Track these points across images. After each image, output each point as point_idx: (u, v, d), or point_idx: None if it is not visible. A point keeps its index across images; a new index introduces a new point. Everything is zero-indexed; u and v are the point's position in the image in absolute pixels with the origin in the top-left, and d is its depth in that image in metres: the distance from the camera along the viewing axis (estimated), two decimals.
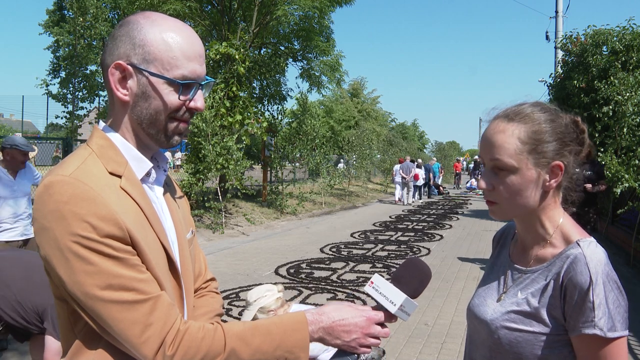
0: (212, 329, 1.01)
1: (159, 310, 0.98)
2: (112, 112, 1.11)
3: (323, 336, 1.09)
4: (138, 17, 1.08)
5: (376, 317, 1.12)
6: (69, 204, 0.93)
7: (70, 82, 11.30)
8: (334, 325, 1.09)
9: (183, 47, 1.05)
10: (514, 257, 1.29)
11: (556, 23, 17.85)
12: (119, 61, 1.05)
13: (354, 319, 1.10)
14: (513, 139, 1.15)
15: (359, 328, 1.10)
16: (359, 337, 1.10)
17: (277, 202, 14.63)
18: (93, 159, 1.05)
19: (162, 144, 1.11)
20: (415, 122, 55.03)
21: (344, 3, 16.17)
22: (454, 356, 4.32)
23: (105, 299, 0.94)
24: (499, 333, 1.18)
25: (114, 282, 0.94)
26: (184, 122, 1.10)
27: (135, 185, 1.06)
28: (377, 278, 1.18)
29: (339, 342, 1.09)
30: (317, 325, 1.08)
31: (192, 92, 1.08)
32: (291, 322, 1.07)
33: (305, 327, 1.07)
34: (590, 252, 1.11)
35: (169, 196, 1.20)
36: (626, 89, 8.46)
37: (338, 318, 1.09)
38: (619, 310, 1.07)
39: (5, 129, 35.05)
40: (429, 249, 9.29)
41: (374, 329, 1.12)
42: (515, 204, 1.17)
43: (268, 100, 17.12)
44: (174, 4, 13.59)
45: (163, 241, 1.07)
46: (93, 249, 0.93)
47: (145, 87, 1.05)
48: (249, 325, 1.04)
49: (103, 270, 0.94)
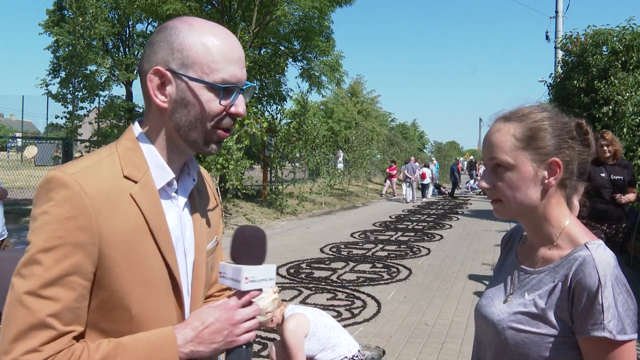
0: (77, 355, 0.94)
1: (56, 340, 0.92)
2: (149, 118, 1.09)
3: (195, 349, 1.01)
4: (175, 22, 1.06)
5: (235, 303, 1.06)
6: (57, 203, 0.95)
7: (70, 82, 11.30)
8: (199, 334, 1.02)
9: (223, 50, 1.03)
10: (521, 258, 1.29)
11: (556, 23, 17.85)
12: (158, 67, 1.03)
13: (214, 316, 1.03)
14: (509, 137, 1.17)
15: (224, 322, 1.03)
16: (230, 331, 1.04)
17: (277, 202, 14.63)
18: (112, 159, 1.04)
19: (200, 151, 1.08)
20: (415, 122, 55.02)
21: (344, 3, 16.16)
22: (454, 356, 4.31)
23: (23, 301, 0.92)
24: (506, 334, 1.18)
25: (42, 292, 0.92)
26: (224, 129, 1.07)
27: (150, 193, 1.04)
28: (221, 265, 1.11)
29: (216, 345, 1.03)
30: (183, 340, 1.01)
31: (233, 97, 1.05)
32: (158, 339, 1.00)
33: (173, 344, 0.99)
34: (598, 254, 1.11)
35: (196, 205, 1.17)
36: (626, 89, 8.48)
37: (199, 325, 1.03)
38: (628, 313, 1.06)
39: (5, 129, 35.05)
40: (429, 249, 9.29)
41: (239, 315, 1.05)
42: (515, 201, 1.18)
43: (267, 101, 17.12)
44: (173, 3, 13.58)
45: (165, 254, 1.05)
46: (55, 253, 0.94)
47: (185, 92, 1.03)
48: (115, 345, 0.97)
49: (45, 276, 0.92)
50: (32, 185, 12.13)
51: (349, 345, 3.25)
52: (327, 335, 3.19)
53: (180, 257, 1.10)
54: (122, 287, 0.99)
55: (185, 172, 1.15)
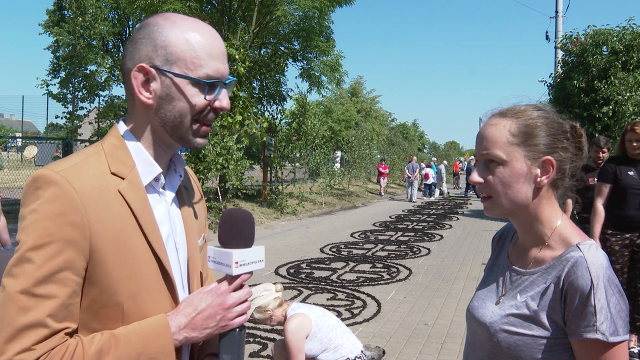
0: (71, 351, 0.94)
1: (37, 334, 0.92)
2: (133, 115, 1.09)
3: (189, 335, 1.03)
4: (157, 19, 1.06)
5: (226, 288, 1.07)
6: (46, 200, 0.94)
7: (70, 82, 11.32)
8: (192, 320, 1.03)
9: (205, 46, 1.04)
10: (512, 259, 1.29)
11: (556, 23, 17.85)
12: (142, 64, 1.03)
13: (207, 302, 1.05)
14: (504, 132, 1.17)
15: (217, 307, 1.05)
16: (223, 315, 1.05)
17: (277, 202, 14.63)
18: (99, 157, 1.04)
19: (186, 145, 1.10)
20: (416, 122, 55.03)
21: (344, 3, 16.18)
22: (454, 356, 4.32)
23: (15, 300, 0.91)
24: (498, 336, 1.18)
25: (34, 290, 0.92)
26: (208, 124, 1.09)
27: (137, 189, 1.05)
28: (209, 249, 1.12)
29: (209, 331, 1.05)
30: (176, 327, 1.02)
31: (217, 92, 1.07)
32: (152, 328, 1.01)
33: (167, 332, 1.01)
34: (591, 255, 1.11)
35: (184, 201, 1.18)
36: (626, 89, 8.48)
37: (191, 311, 1.04)
38: (620, 315, 1.07)
39: (5, 129, 35.06)
40: (429, 249, 9.29)
41: (231, 299, 1.06)
42: (506, 197, 1.17)
43: (268, 101, 17.12)
44: (173, 3, 13.60)
45: (156, 249, 1.05)
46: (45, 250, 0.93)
47: (170, 88, 1.04)
48: (109, 336, 0.97)
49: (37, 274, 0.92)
50: None
51: (352, 346, 3.24)
52: (329, 336, 3.18)
53: (171, 252, 1.10)
54: (113, 283, 0.99)
55: (171, 169, 1.16)
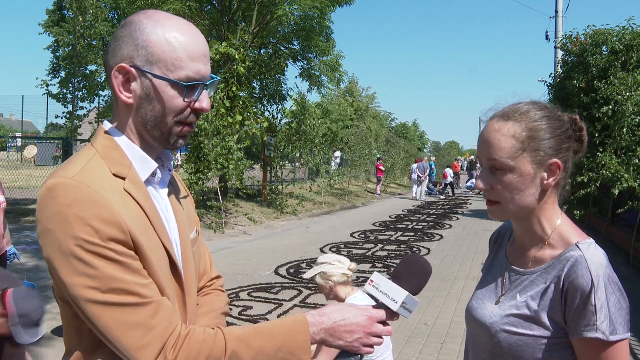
0: (213, 333, 1.00)
1: (161, 314, 0.97)
2: (117, 113, 1.10)
3: (325, 338, 1.06)
4: (141, 17, 1.05)
5: (378, 316, 1.10)
6: (72, 207, 0.93)
7: (70, 82, 11.32)
8: (335, 327, 1.06)
9: (187, 47, 1.03)
10: (511, 259, 1.28)
11: (556, 23, 17.84)
12: (123, 64, 1.03)
13: (356, 319, 1.08)
14: (509, 138, 1.15)
15: (361, 328, 1.07)
16: (361, 337, 1.08)
17: (277, 202, 14.62)
18: (97, 160, 1.04)
19: (167, 147, 1.10)
20: (416, 122, 54.99)
21: (344, 3, 16.17)
22: (454, 356, 4.32)
23: (107, 302, 0.93)
24: (499, 337, 1.18)
25: (116, 286, 0.94)
26: (189, 125, 1.09)
27: (139, 187, 1.05)
28: (377, 276, 1.17)
29: (342, 342, 1.07)
30: (319, 327, 1.06)
31: (197, 93, 1.06)
32: (292, 324, 1.05)
33: (306, 329, 1.05)
34: (591, 254, 1.11)
35: (174, 196, 1.19)
36: (626, 89, 8.46)
37: (339, 319, 1.07)
38: (620, 313, 1.07)
39: (5, 129, 35.05)
40: (429, 249, 9.29)
41: (376, 328, 1.09)
42: (514, 203, 1.16)
43: (268, 101, 17.11)
44: (173, 4, 13.59)
45: (166, 244, 1.06)
46: (96, 253, 0.93)
47: (149, 89, 1.04)
48: (250, 328, 1.04)
49: (105, 274, 0.93)
50: (32, 186, 12.12)
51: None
52: (387, 343, 2.96)
53: (176, 247, 1.12)
54: (155, 274, 1.01)
55: (159, 164, 1.16)
